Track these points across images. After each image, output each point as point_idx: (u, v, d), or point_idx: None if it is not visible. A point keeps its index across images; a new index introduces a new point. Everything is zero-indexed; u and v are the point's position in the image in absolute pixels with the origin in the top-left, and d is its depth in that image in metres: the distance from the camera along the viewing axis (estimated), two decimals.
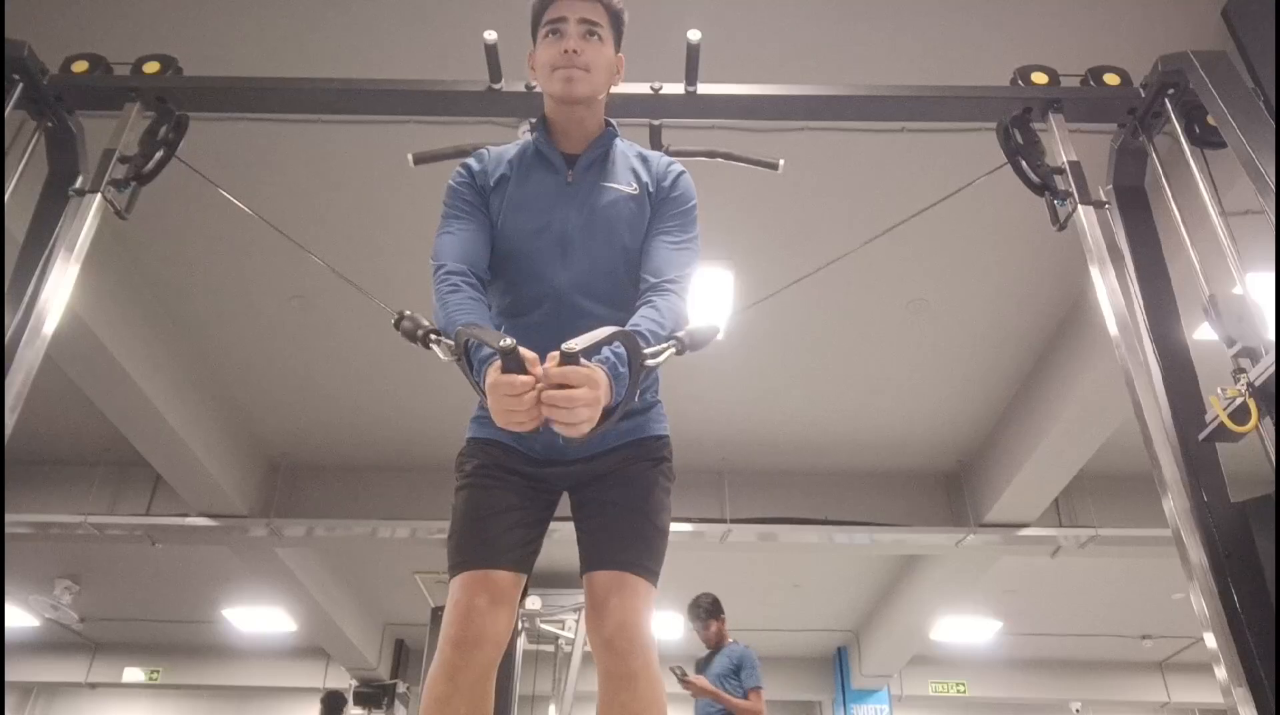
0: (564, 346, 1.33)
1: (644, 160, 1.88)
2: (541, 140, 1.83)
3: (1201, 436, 2.22)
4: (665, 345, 1.52)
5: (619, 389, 1.41)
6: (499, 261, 1.77)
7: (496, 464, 1.70)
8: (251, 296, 5.29)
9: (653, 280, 1.69)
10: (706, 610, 5.05)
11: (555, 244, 1.73)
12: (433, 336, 1.55)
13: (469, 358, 1.48)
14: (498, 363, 1.37)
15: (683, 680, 4.78)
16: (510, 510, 1.65)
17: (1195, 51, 2.60)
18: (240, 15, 3.66)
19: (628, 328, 1.50)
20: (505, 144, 1.92)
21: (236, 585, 8.94)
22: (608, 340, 1.38)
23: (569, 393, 1.32)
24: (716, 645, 4.98)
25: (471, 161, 1.86)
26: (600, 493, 1.69)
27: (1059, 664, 10.92)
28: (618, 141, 1.87)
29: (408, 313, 1.57)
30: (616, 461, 1.71)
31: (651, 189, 1.83)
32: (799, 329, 5.47)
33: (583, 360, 1.34)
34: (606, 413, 1.39)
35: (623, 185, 1.80)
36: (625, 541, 1.62)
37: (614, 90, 1.93)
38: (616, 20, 1.86)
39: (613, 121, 1.89)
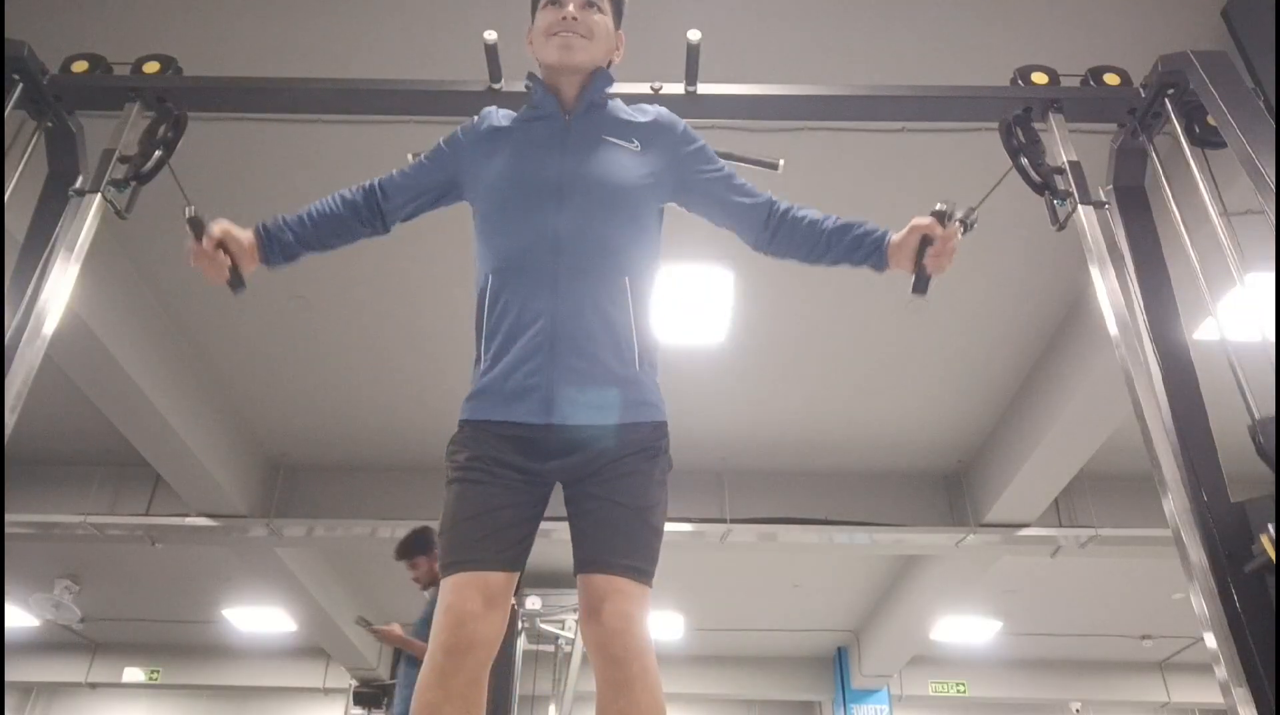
0: (938, 208, 1.75)
1: (639, 109, 1.91)
2: (538, 93, 1.86)
3: (1248, 569, 2.10)
4: (963, 223, 1.80)
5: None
6: (497, 208, 1.78)
7: (490, 456, 1.64)
8: (252, 296, 5.27)
9: (770, 209, 1.86)
10: (410, 546, 4.59)
11: (551, 189, 1.74)
12: (186, 213, 1.80)
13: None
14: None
15: (371, 630, 4.50)
16: (503, 507, 1.62)
17: (1195, 51, 2.60)
18: (240, 15, 3.66)
19: (844, 221, 1.83)
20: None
21: (236, 585, 8.94)
22: (950, 210, 1.76)
23: (955, 245, 1.76)
24: (428, 585, 4.64)
25: (474, 119, 1.92)
26: (595, 487, 1.64)
27: (1059, 664, 10.92)
28: (610, 93, 1.90)
29: (194, 210, 1.80)
30: (613, 452, 1.66)
31: (660, 133, 1.87)
32: (799, 329, 5.46)
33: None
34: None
35: (624, 142, 1.82)
36: (619, 543, 1.59)
37: (614, 89, 1.94)
38: (617, 1, 1.90)
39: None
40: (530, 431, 1.66)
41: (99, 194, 2.56)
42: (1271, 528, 2.03)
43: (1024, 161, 2.71)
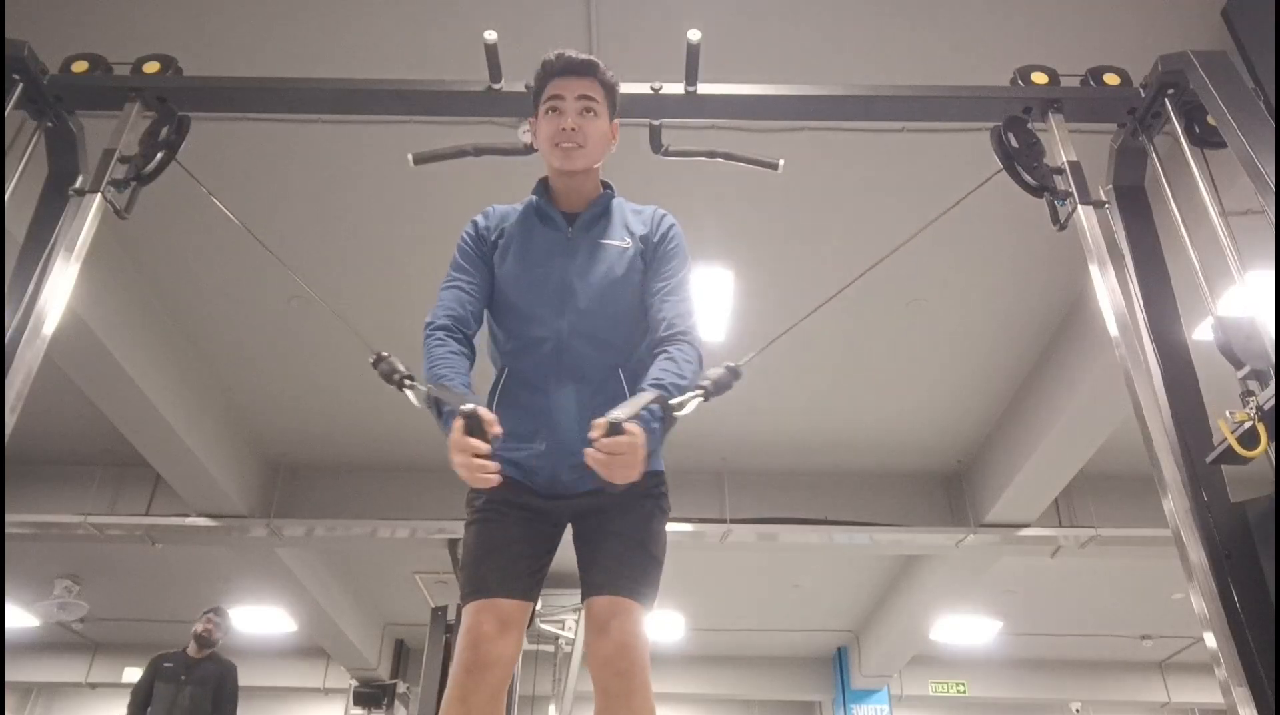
0: (611, 417, 1.56)
1: (638, 214, 2.04)
2: (543, 201, 2.00)
3: (1209, 459, 2.18)
4: (692, 394, 1.73)
5: (653, 441, 1.64)
6: (505, 309, 1.95)
7: (504, 499, 1.82)
8: (251, 296, 5.29)
9: (665, 333, 1.87)
10: None
11: (556, 294, 1.90)
12: (406, 382, 1.75)
13: (437, 408, 1.68)
14: (461, 421, 1.57)
15: None
16: (516, 542, 1.80)
17: (1195, 51, 2.59)
18: (240, 15, 3.66)
19: (653, 381, 1.73)
20: (512, 204, 2.07)
21: (236, 585, 8.94)
22: (648, 406, 1.62)
23: (621, 458, 1.56)
24: None
25: (478, 218, 2.04)
26: (601, 523, 1.83)
27: (1059, 664, 10.92)
28: (612, 204, 2.03)
29: (385, 355, 1.76)
30: (616, 496, 1.80)
31: (648, 235, 1.99)
32: (799, 329, 5.45)
33: (626, 425, 1.57)
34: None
35: (618, 241, 1.97)
36: (625, 569, 1.76)
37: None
38: (611, 94, 2.01)
39: (609, 183, 2.05)
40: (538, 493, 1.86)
41: (99, 194, 2.55)
42: (1229, 413, 2.11)
43: (1018, 168, 2.70)
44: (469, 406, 1.56)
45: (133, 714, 5.77)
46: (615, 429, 1.57)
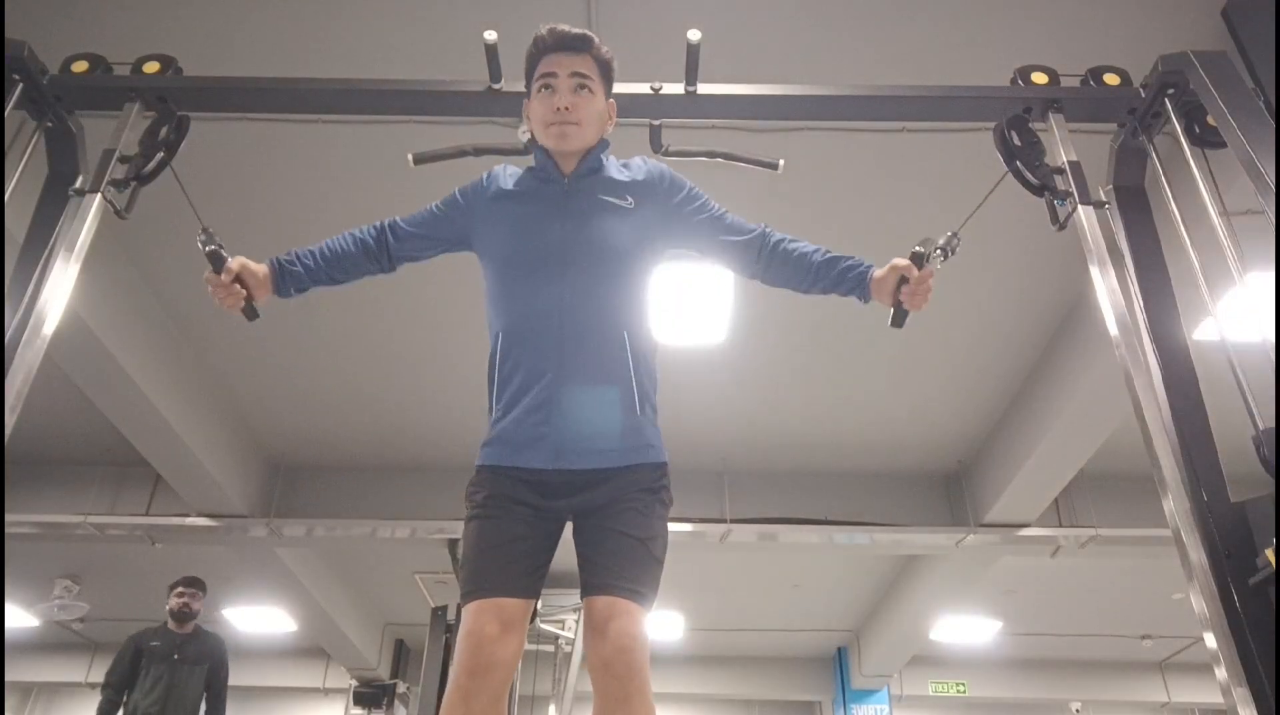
0: (916, 250, 1.87)
1: (628, 168, 2.01)
2: (540, 161, 1.97)
3: (1253, 581, 2.08)
4: (940, 253, 1.91)
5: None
6: (505, 274, 1.91)
7: (505, 495, 1.79)
8: None
9: (761, 238, 2.02)
10: None
11: (555, 256, 1.86)
12: (205, 245, 1.97)
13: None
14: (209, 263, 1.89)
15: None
16: (517, 540, 1.76)
17: (1195, 51, 2.59)
18: (240, 15, 3.66)
19: (826, 253, 2.03)
20: (519, 165, 2.08)
21: (236, 585, 8.94)
22: (927, 251, 1.89)
23: (929, 284, 1.87)
24: None
25: (484, 177, 2.04)
26: (602, 520, 1.78)
27: (1059, 664, 10.92)
28: (604, 157, 2.00)
29: (208, 230, 1.98)
30: (617, 489, 1.80)
31: (650, 186, 1.96)
32: (798, 328, 5.46)
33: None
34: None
35: (617, 199, 1.92)
36: (625, 569, 1.72)
37: (614, 91, 1.96)
38: (606, 70, 1.97)
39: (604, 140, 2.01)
40: (541, 475, 1.80)
41: (99, 194, 2.55)
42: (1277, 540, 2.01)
43: (1019, 165, 2.70)
44: (210, 248, 1.97)
45: (111, 698, 5.39)
46: (918, 260, 1.86)
